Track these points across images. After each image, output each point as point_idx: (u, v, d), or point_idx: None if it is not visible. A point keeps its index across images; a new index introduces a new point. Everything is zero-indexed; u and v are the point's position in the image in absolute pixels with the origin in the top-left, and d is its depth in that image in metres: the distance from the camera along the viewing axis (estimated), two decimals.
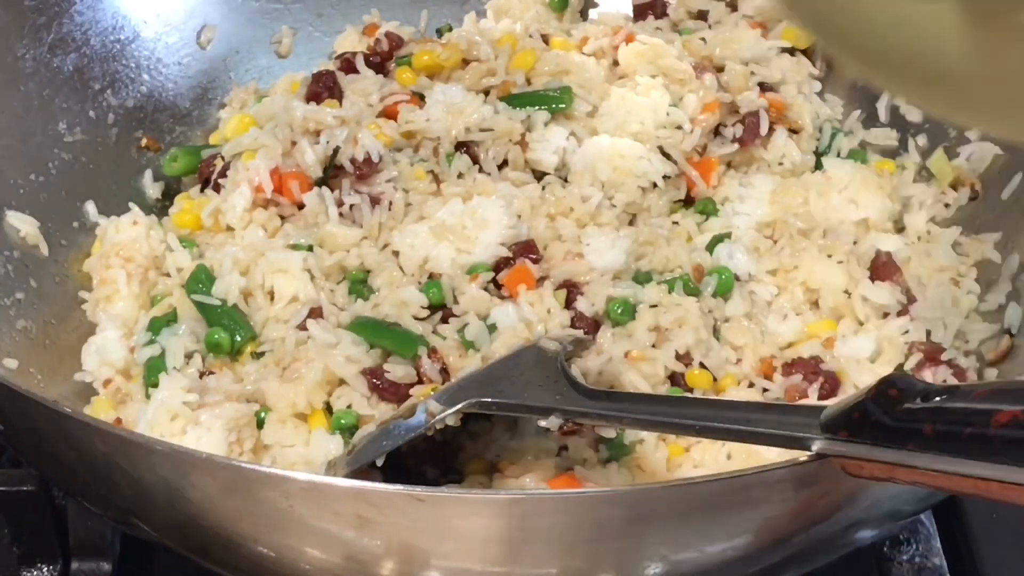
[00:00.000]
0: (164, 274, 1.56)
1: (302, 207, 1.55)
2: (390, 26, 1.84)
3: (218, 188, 1.60)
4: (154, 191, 1.71)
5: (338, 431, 1.36)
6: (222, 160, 1.61)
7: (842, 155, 1.70)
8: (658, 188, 1.60)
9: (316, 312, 1.45)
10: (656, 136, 1.62)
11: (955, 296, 1.51)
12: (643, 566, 1.14)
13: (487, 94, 1.65)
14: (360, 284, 1.50)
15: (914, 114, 1.70)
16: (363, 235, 1.53)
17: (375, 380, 1.39)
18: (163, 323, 1.48)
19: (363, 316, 1.45)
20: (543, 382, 1.27)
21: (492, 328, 1.43)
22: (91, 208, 1.63)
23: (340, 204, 1.54)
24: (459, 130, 1.59)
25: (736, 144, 1.65)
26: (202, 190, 1.65)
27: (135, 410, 1.41)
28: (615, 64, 1.71)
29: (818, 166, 1.67)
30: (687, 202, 1.64)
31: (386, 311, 1.44)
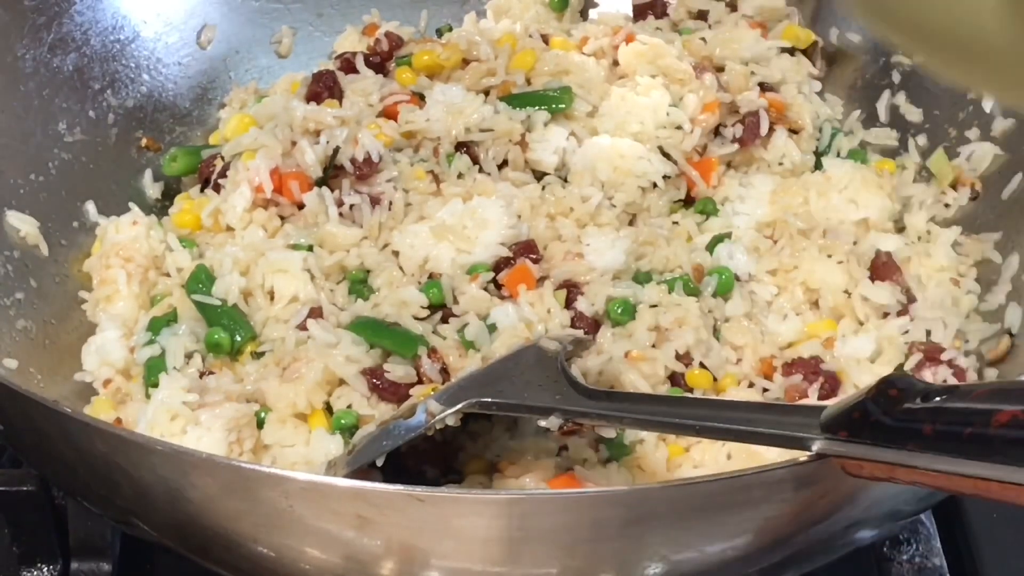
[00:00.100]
0: (164, 274, 1.56)
1: (302, 207, 1.55)
2: (390, 26, 1.84)
3: (218, 188, 1.60)
4: (154, 191, 1.71)
5: (338, 431, 1.36)
6: (222, 160, 1.61)
7: (842, 155, 1.70)
8: (658, 188, 1.60)
9: (316, 312, 1.45)
10: (656, 136, 1.62)
11: (955, 296, 1.51)
12: (643, 566, 1.14)
13: (487, 94, 1.65)
14: (360, 284, 1.50)
15: (914, 114, 1.69)
16: (363, 235, 1.53)
17: (375, 380, 1.39)
18: (163, 323, 1.48)
19: (363, 316, 1.45)
20: (543, 382, 1.27)
21: (492, 328, 1.43)
22: (91, 208, 1.63)
23: (340, 204, 1.54)
24: (459, 130, 1.59)
25: (736, 144, 1.65)
26: (202, 190, 1.65)
27: (135, 410, 1.41)
28: (615, 64, 1.71)
29: (818, 166, 1.67)
30: (687, 202, 1.64)
31: (386, 311, 1.44)
